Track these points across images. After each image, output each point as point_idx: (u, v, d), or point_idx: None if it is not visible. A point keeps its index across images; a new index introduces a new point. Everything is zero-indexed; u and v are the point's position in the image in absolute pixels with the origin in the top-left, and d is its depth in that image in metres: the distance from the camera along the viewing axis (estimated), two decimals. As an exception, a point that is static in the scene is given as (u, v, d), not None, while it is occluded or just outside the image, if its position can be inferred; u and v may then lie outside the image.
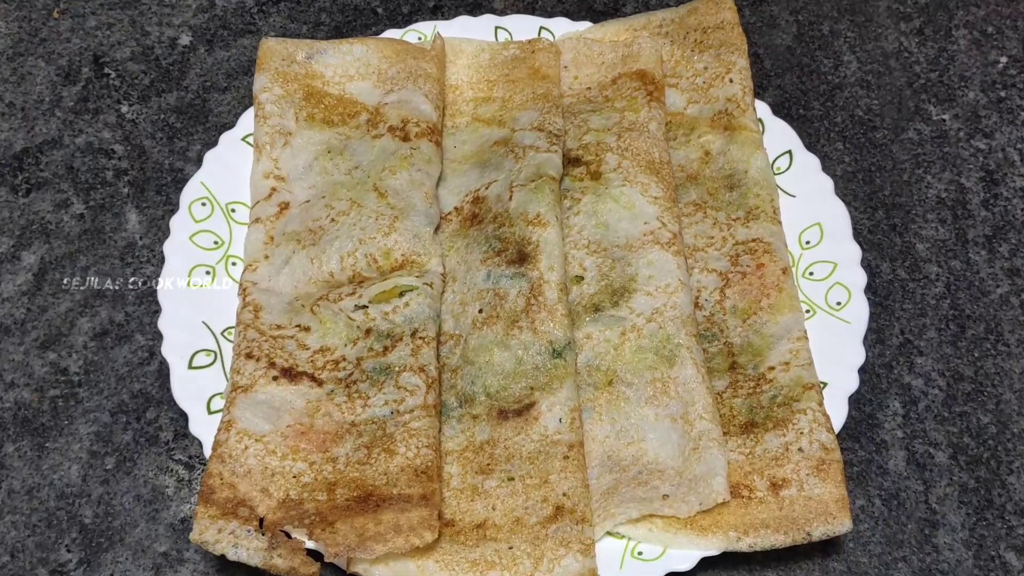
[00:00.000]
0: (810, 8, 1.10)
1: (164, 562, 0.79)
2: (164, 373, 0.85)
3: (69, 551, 0.79)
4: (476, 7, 1.09)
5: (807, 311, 0.86)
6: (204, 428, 0.78)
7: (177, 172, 0.97)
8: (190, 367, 0.81)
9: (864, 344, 0.83)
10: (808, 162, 0.93)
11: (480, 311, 0.84)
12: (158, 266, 0.91)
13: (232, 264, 0.88)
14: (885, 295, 0.92)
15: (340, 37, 1.03)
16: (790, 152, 0.94)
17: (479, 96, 0.98)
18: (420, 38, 1.00)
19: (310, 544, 0.71)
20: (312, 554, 0.71)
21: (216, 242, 0.88)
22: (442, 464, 0.78)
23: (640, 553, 0.75)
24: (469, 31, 1.00)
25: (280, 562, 0.70)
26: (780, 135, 0.95)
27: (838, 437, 0.78)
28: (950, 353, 0.89)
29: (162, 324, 0.83)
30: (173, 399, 0.80)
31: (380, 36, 0.99)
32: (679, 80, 0.98)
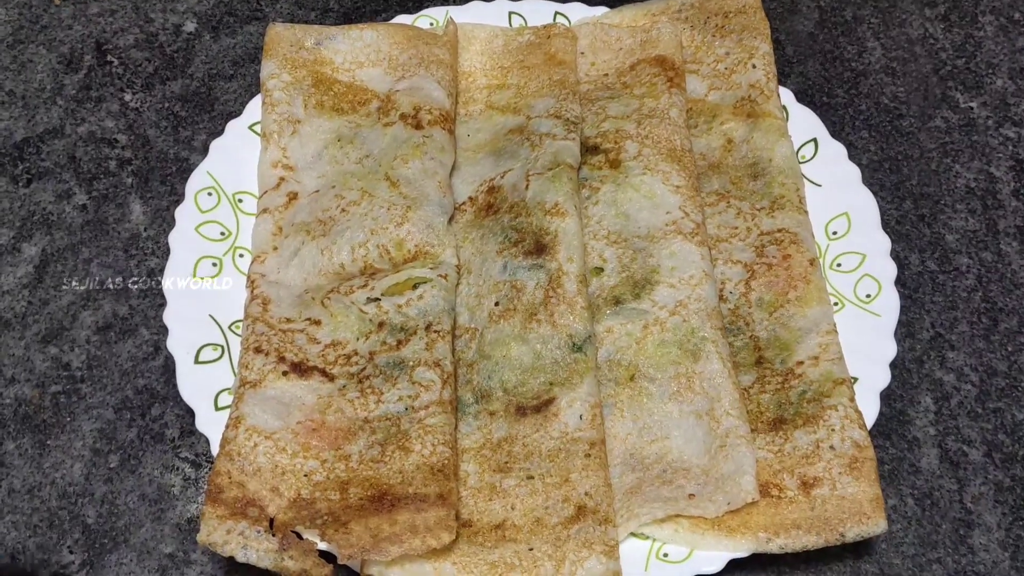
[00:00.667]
0: (832, -7, 1.07)
1: (170, 564, 0.76)
2: (170, 368, 0.82)
3: (72, 552, 0.77)
4: (489, -7, 1.06)
5: (835, 304, 0.83)
6: (211, 425, 0.76)
7: (182, 162, 0.94)
8: (196, 362, 0.78)
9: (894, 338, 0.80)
10: (834, 150, 0.90)
11: (497, 304, 0.81)
12: (163, 258, 0.88)
13: (239, 256, 0.85)
14: (914, 287, 0.89)
15: (349, 23, 1.00)
16: (815, 140, 0.91)
17: (493, 83, 0.95)
18: (432, 24, 0.97)
19: (322, 545, 0.69)
20: (324, 556, 0.69)
21: (223, 233, 0.85)
22: (459, 462, 0.75)
23: (665, 555, 0.72)
24: (482, 16, 0.98)
25: (291, 564, 0.68)
26: (805, 122, 0.92)
27: (869, 434, 0.75)
28: (982, 347, 0.86)
29: (167, 318, 0.80)
30: (179, 395, 0.77)
31: (391, 22, 0.96)
32: (700, 66, 0.95)
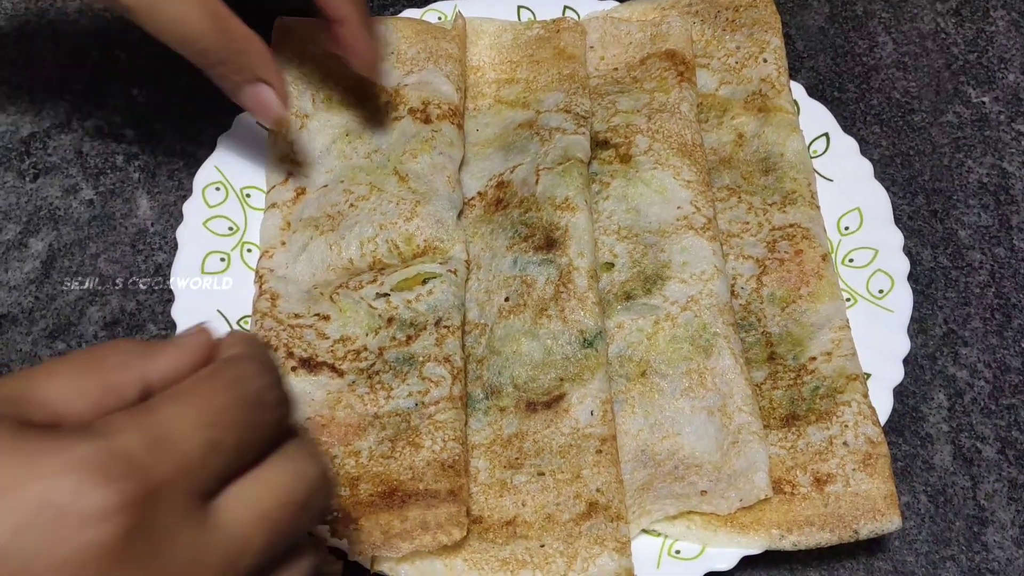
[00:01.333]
0: (843, -12, 1.06)
1: (178, 560, 0.75)
2: (177, 364, 0.81)
3: (79, 549, 0.76)
4: (497, -13, 1.05)
5: (848, 299, 0.82)
6: (220, 421, 0.75)
7: (189, 156, 0.94)
8: (205, 357, 0.78)
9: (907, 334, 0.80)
10: (846, 145, 0.89)
11: (506, 299, 0.80)
12: (170, 253, 0.87)
13: (248, 251, 0.84)
14: (927, 283, 0.89)
15: (357, 17, 0.99)
16: (827, 134, 0.90)
17: (502, 77, 0.95)
18: (440, 18, 0.96)
19: (332, 542, 0.68)
20: (334, 552, 0.68)
21: (231, 228, 0.85)
22: (469, 458, 0.74)
23: (678, 552, 0.71)
24: (491, 10, 0.97)
25: (301, 561, 0.67)
26: (816, 117, 0.91)
27: (882, 430, 0.74)
28: (996, 343, 0.86)
29: (175, 313, 0.79)
30: (187, 390, 0.76)
31: (399, 16, 0.95)
32: (710, 60, 0.94)
